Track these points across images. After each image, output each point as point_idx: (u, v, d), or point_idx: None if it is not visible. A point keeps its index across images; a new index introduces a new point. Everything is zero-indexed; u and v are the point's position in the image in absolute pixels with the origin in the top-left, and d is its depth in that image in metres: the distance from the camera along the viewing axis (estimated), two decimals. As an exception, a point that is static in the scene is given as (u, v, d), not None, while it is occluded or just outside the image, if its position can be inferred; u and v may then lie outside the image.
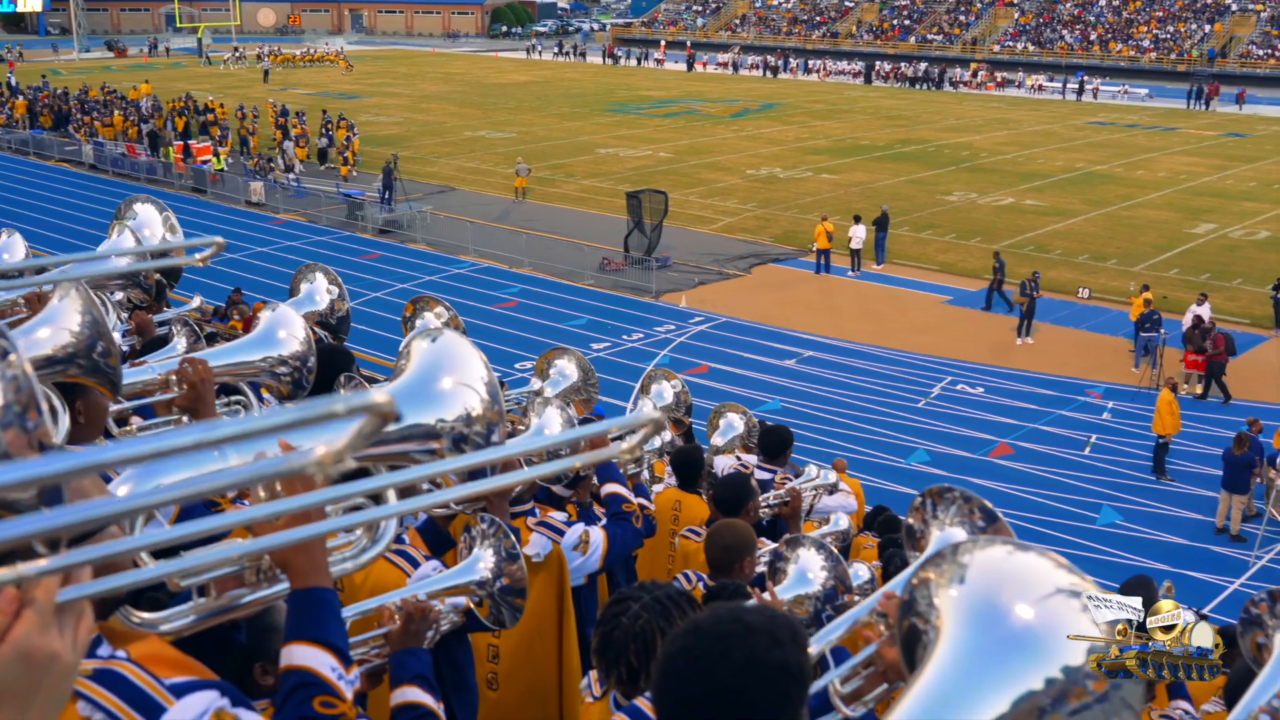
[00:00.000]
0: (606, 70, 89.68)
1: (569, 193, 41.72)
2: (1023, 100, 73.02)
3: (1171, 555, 17.25)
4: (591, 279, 31.00)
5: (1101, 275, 31.07)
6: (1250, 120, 63.51)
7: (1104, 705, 1.63)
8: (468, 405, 2.69)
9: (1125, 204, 40.25)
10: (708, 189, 42.21)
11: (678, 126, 57.86)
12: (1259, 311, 27.44)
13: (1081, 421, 22.05)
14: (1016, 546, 1.76)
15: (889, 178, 44.39)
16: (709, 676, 1.99)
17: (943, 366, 24.73)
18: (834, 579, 3.75)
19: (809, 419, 21.58)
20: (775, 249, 34.08)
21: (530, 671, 4.62)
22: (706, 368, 24.31)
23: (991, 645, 1.67)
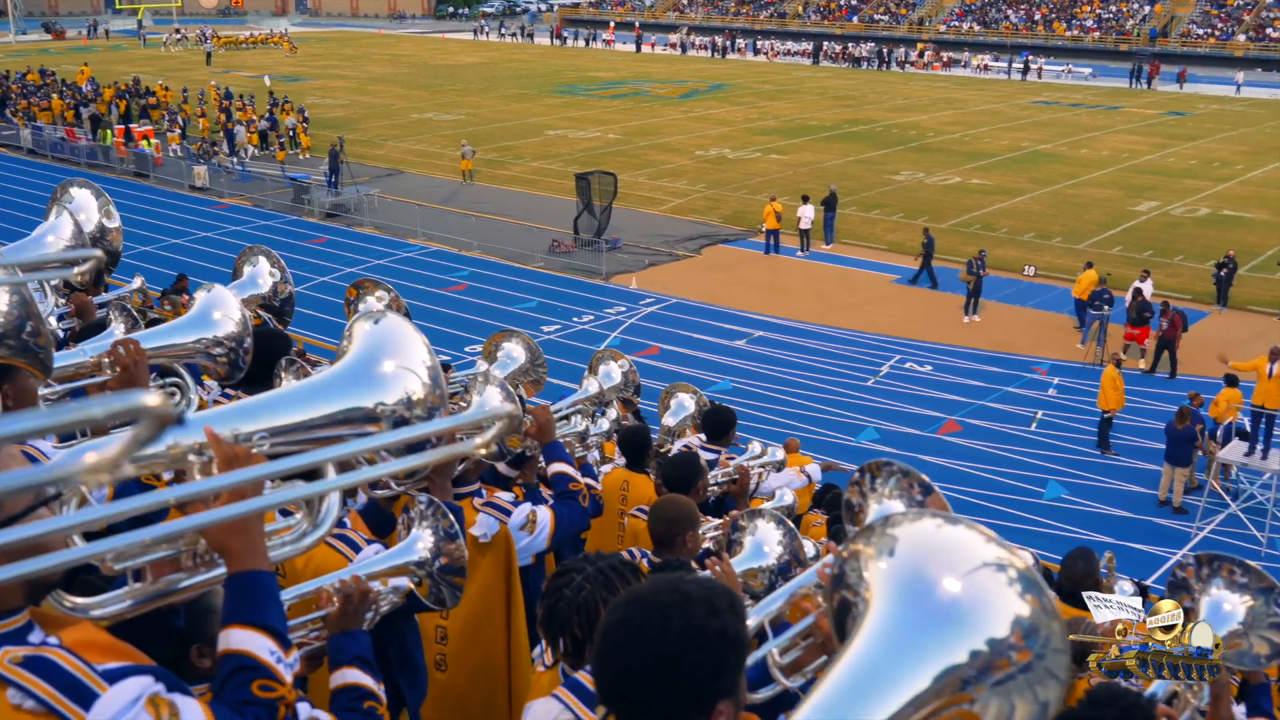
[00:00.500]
0: (554, 51, 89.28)
1: (518, 175, 41.53)
2: (968, 80, 73.56)
3: (1116, 528, 17.50)
4: (541, 261, 30.90)
5: (1047, 253, 31.41)
6: (1191, 99, 64.38)
7: (1028, 675, 1.65)
8: (408, 389, 2.67)
9: (1070, 183, 40.69)
10: (657, 170, 42.17)
11: (626, 108, 57.74)
12: (1200, 288, 27.86)
13: (1028, 398, 22.30)
14: (946, 520, 1.76)
15: (837, 158, 44.57)
16: (648, 646, 1.99)
17: (891, 345, 24.91)
18: (789, 553, 3.77)
19: (759, 399, 21.66)
20: (725, 230, 34.13)
21: (479, 652, 4.60)
22: (657, 349, 24.32)
23: (918, 618, 1.68)
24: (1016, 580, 1.68)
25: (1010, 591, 1.67)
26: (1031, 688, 1.65)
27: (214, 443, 2.42)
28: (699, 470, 5.89)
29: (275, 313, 6.00)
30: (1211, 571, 3.56)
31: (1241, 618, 3.47)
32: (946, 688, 1.63)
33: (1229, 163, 44.70)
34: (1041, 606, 1.66)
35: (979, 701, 1.66)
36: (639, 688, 2.00)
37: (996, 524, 17.08)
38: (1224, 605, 3.50)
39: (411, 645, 3.96)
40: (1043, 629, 1.66)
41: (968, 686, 1.64)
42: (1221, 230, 33.82)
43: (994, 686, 1.64)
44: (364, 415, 2.63)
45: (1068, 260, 30.07)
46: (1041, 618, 1.66)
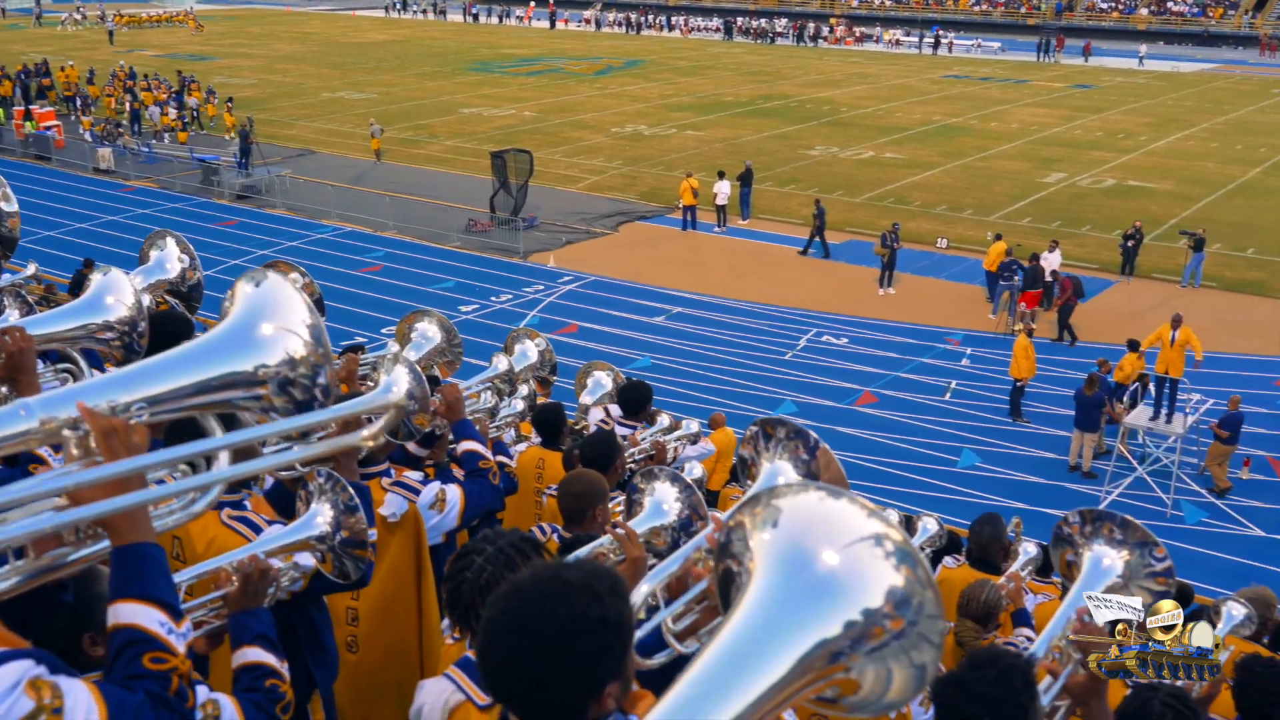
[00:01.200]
0: (467, 28, 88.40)
1: (433, 154, 41.12)
2: (881, 55, 74.23)
3: (1028, 494, 17.89)
4: (458, 241, 30.67)
5: (959, 225, 31.88)
6: (1096, 72, 65.63)
7: (902, 641, 1.71)
8: (290, 349, 2.63)
9: (980, 155, 41.31)
10: (573, 148, 42.02)
11: (541, 85, 57.40)
12: (1106, 257, 28.48)
13: (942, 368, 22.66)
14: (829, 493, 1.80)
15: (752, 133, 44.76)
16: (530, 636, 2.00)
17: (808, 319, 25.15)
18: (689, 508, 3.81)
19: (679, 375, 21.76)
20: (642, 206, 34.15)
21: (390, 632, 4.58)
22: (576, 327, 24.30)
23: (797, 590, 1.73)
24: (892, 552, 1.73)
25: (885, 564, 1.73)
26: (906, 653, 1.71)
27: (88, 417, 2.35)
28: (617, 448, 5.91)
29: (183, 298, 5.92)
30: (1094, 528, 3.67)
31: (1120, 571, 3.59)
32: (823, 657, 1.68)
33: (1133, 134, 45.69)
34: (915, 576, 1.72)
35: (855, 669, 1.72)
36: (524, 679, 2.01)
37: (912, 493, 17.38)
38: (1104, 560, 3.61)
39: (320, 626, 3.94)
40: (915, 597, 1.71)
41: (844, 655, 1.70)
42: (1126, 200, 34.59)
43: (869, 654, 1.70)
44: (246, 379, 2.59)
45: (979, 232, 30.56)
46: (914, 587, 1.71)
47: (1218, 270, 27.75)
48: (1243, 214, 33.14)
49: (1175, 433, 18.51)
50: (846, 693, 1.76)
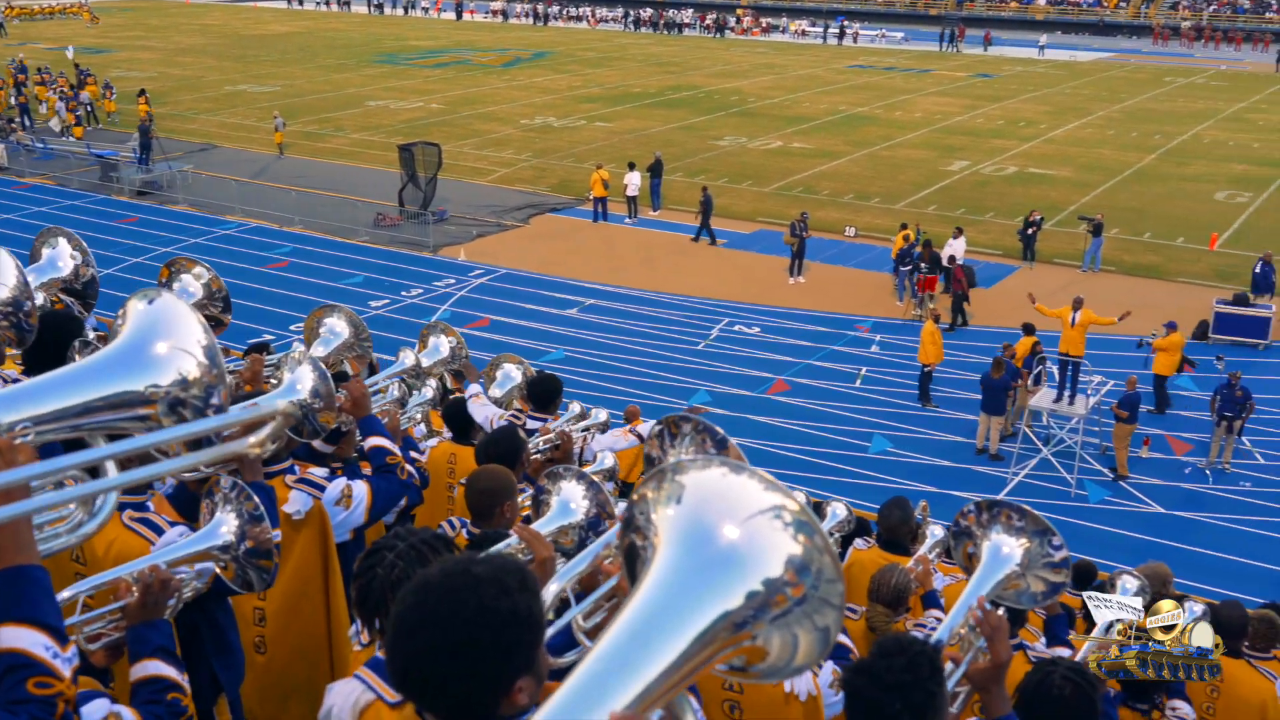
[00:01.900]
0: (372, 19, 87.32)
1: (339, 147, 40.56)
2: (787, 45, 74.84)
3: (937, 477, 18.20)
4: (366, 235, 30.31)
5: (866, 214, 32.28)
6: (997, 61, 66.87)
7: (804, 607, 1.76)
8: (183, 369, 2.57)
9: (886, 144, 41.87)
10: (482, 140, 41.75)
11: (448, 77, 56.92)
12: (1009, 243, 29.04)
13: (852, 355, 22.96)
14: (731, 468, 1.84)
15: (661, 124, 44.86)
16: (439, 631, 1.98)
17: (720, 308, 25.30)
18: (596, 506, 3.80)
19: (593, 366, 21.76)
20: (553, 198, 34.05)
21: (298, 632, 4.51)
22: (488, 321, 24.17)
23: (700, 563, 1.76)
24: (790, 523, 1.77)
25: (784, 534, 1.77)
26: (809, 617, 1.76)
27: None
28: (520, 442, 5.88)
29: (78, 296, 5.77)
30: (991, 517, 3.75)
31: (1019, 559, 3.66)
32: (728, 627, 1.72)
33: (1033, 122, 46.64)
34: (813, 544, 1.76)
35: (761, 636, 1.76)
36: (433, 674, 1.99)
37: (824, 478, 17.59)
38: (1003, 548, 3.69)
39: (225, 628, 3.86)
40: (814, 564, 1.76)
41: (749, 624, 1.74)
42: (1028, 187, 35.31)
43: (773, 621, 1.75)
44: (137, 398, 2.52)
45: (886, 220, 30.97)
46: (813, 554, 1.75)
47: (1116, 254, 28.47)
48: (1139, 199, 34.03)
49: (1078, 414, 18.95)
50: (755, 660, 1.80)
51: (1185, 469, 18.66)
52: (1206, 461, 18.64)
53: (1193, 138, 43.67)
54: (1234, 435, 18.45)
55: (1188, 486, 18.12)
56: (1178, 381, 21.52)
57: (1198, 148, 41.87)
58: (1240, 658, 6.82)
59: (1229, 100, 52.61)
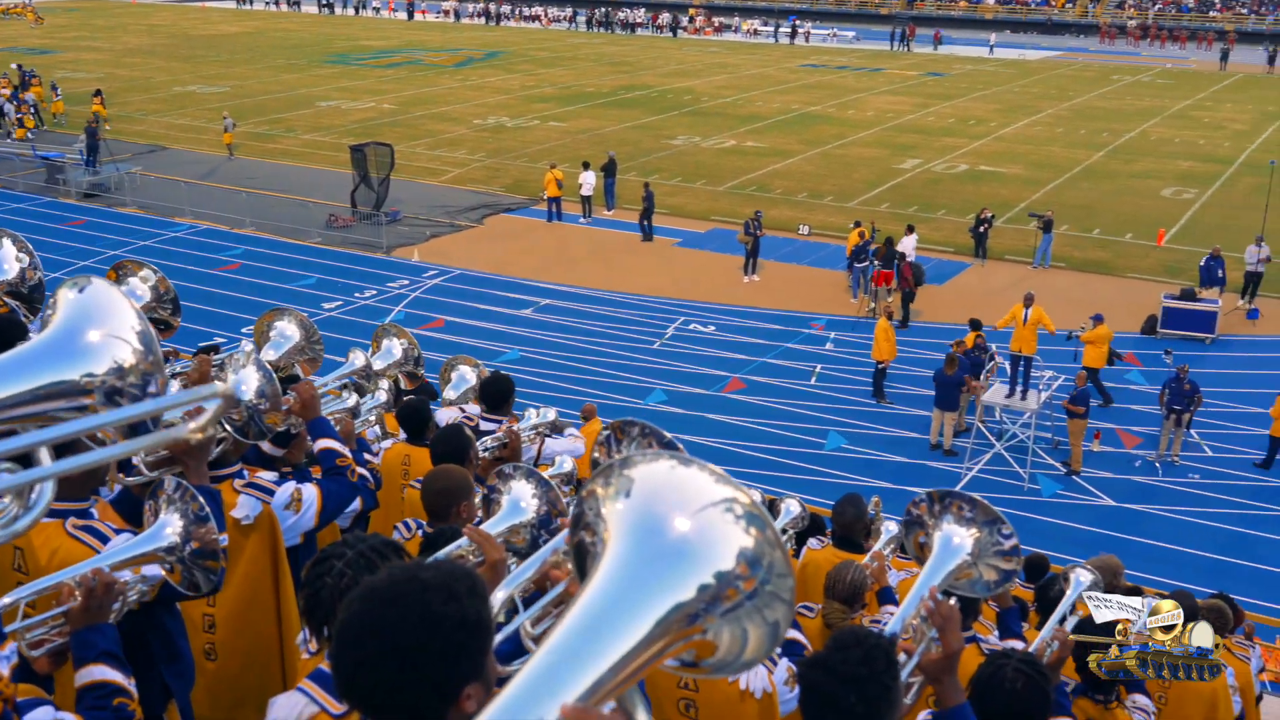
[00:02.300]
0: (322, 19, 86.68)
1: (290, 148, 40.22)
2: (739, 45, 75.07)
3: (892, 473, 18.32)
4: (319, 237, 30.07)
5: (819, 212, 32.43)
6: (947, 60, 67.41)
7: (755, 601, 1.74)
8: (118, 357, 2.51)
9: (838, 143, 42.09)
10: (435, 140, 41.55)
11: (401, 77, 56.60)
12: (961, 240, 29.28)
13: (807, 353, 23.05)
14: (680, 461, 1.82)
15: (615, 124, 44.85)
16: (385, 639, 1.95)
17: (675, 307, 25.32)
18: (547, 505, 3.78)
19: (548, 367, 21.71)
20: (507, 199, 33.95)
21: (249, 638, 4.45)
22: (442, 321, 24.05)
23: (650, 557, 1.75)
24: (741, 515, 1.76)
25: (735, 526, 1.75)
26: (760, 611, 1.75)
27: None
28: (467, 441, 5.84)
29: (24, 300, 5.70)
30: (943, 508, 3.76)
31: (970, 549, 3.68)
32: (679, 621, 1.71)
33: (984, 120, 47.06)
34: (764, 537, 1.75)
35: (711, 630, 1.74)
36: (379, 682, 1.96)
37: (780, 476, 17.65)
38: (954, 539, 3.71)
39: (174, 635, 3.80)
40: (765, 557, 1.74)
41: (699, 618, 1.72)
42: (978, 185, 35.63)
43: (723, 615, 1.73)
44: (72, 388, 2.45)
45: (839, 218, 31.13)
46: (764, 547, 1.74)
47: (1066, 251, 28.78)
48: (1087, 196, 34.42)
49: (1030, 409, 19.14)
50: (705, 654, 1.79)
51: (1135, 462, 18.89)
52: (1156, 454, 18.88)
53: (1140, 135, 44.24)
54: (1183, 428, 18.70)
55: (1138, 479, 18.35)
56: (1126, 376, 21.81)
57: (1145, 145, 42.43)
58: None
59: (1174, 98, 53.35)
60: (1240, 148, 41.63)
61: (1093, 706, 5.18)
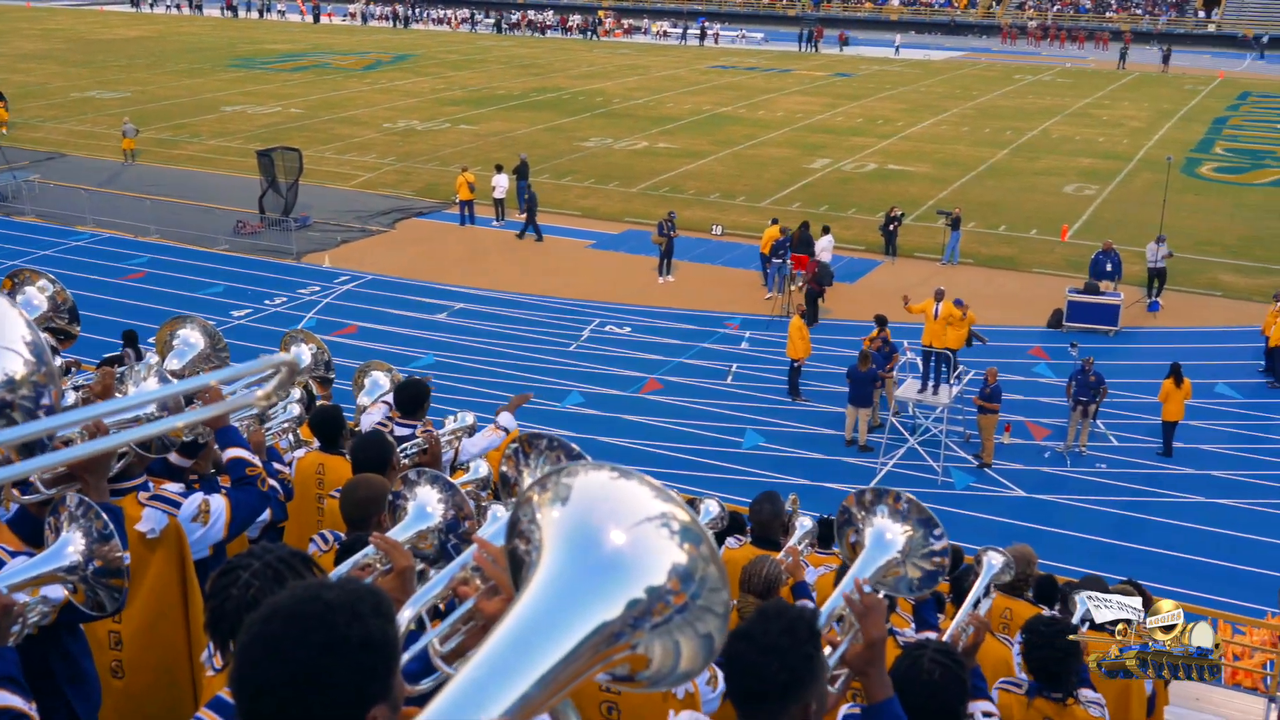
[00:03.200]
0: (225, 23, 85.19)
1: (195, 154, 39.45)
2: (649, 47, 75.29)
3: (809, 470, 18.48)
4: (226, 244, 29.52)
5: (732, 212, 32.63)
6: (854, 61, 68.27)
7: (685, 615, 1.74)
8: (8, 369, 2.42)
9: (750, 143, 42.40)
10: (344, 144, 41.04)
11: (308, 81, 55.84)
12: (872, 239, 29.64)
13: (723, 352, 23.16)
14: (620, 473, 1.82)
15: (527, 126, 44.71)
16: (288, 662, 1.88)
17: (591, 309, 25.29)
18: (453, 508, 3.72)
19: (464, 371, 21.55)
20: (418, 202, 33.65)
21: (158, 654, 4.33)
22: (355, 328, 23.76)
23: (584, 569, 1.74)
24: (678, 531, 1.76)
25: (670, 542, 1.75)
26: (691, 625, 1.74)
27: None
28: (389, 448, 5.77)
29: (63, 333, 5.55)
30: (876, 499, 3.78)
31: (901, 546, 3.70)
32: (609, 634, 1.70)
33: (891, 120, 47.73)
34: (699, 553, 1.75)
35: (642, 644, 1.74)
36: (281, 706, 1.89)
37: (698, 475, 17.71)
38: (886, 534, 3.72)
39: (78, 655, 3.68)
40: (698, 572, 1.74)
41: (630, 633, 1.72)
42: (887, 184, 36.12)
43: (653, 629, 1.73)
44: None
45: (752, 218, 31.35)
46: (698, 563, 1.74)
47: (973, 247, 29.30)
48: (993, 193, 35.09)
49: (942, 403, 19.44)
50: (638, 668, 1.78)
51: (1044, 453, 19.28)
52: (1064, 445, 19.29)
53: (1042, 133, 45.20)
54: (1089, 419, 19.13)
55: (1047, 470, 18.73)
56: (1034, 370, 22.25)
57: (1047, 143, 43.36)
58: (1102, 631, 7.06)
59: (1074, 97, 54.60)
60: (1138, 145, 42.75)
61: (1049, 705, 5.26)
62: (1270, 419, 20.40)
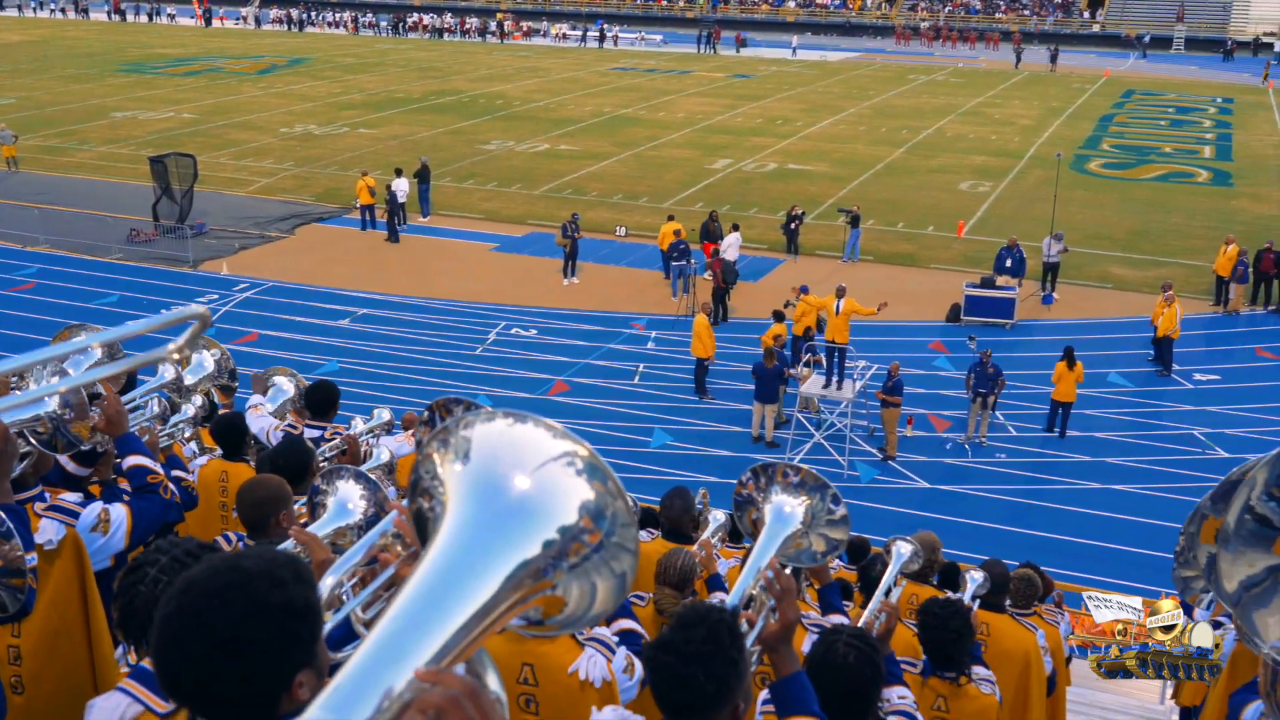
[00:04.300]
0: (113, 27, 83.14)
1: (85, 161, 38.41)
2: (549, 49, 75.17)
3: (717, 467, 18.59)
4: (120, 252, 28.80)
5: (635, 213, 32.73)
6: (753, 62, 68.92)
7: (602, 553, 1.75)
8: None
9: (651, 144, 42.56)
10: (240, 150, 40.30)
11: (200, 85, 54.71)
12: (774, 237, 29.94)
13: (629, 353, 23.22)
14: (516, 419, 1.81)
15: (427, 129, 44.36)
16: (208, 631, 1.87)
17: (496, 312, 25.17)
18: (375, 505, 3.69)
19: (368, 377, 21.31)
20: (318, 208, 33.18)
21: (59, 667, 4.20)
22: (256, 335, 23.34)
23: (492, 516, 1.73)
24: (583, 469, 1.77)
25: (577, 479, 1.76)
26: (607, 564, 1.76)
27: None
28: (309, 452, 5.69)
29: None
30: (768, 479, 3.82)
31: (801, 518, 3.74)
32: (526, 579, 1.70)
33: (790, 120, 48.28)
34: (606, 489, 1.76)
35: (560, 585, 1.74)
36: (204, 677, 1.88)
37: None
38: (785, 508, 3.76)
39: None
40: (609, 509, 1.75)
41: (547, 574, 1.72)
42: (788, 183, 36.53)
43: (571, 569, 1.73)
44: None
45: (655, 219, 31.44)
46: (606, 499, 1.75)
47: (873, 244, 29.78)
48: (890, 191, 35.68)
49: (846, 398, 19.71)
50: (553, 611, 1.78)
51: (946, 445, 19.67)
52: (965, 436, 19.70)
53: (936, 132, 46.09)
54: (989, 410, 19.56)
55: (949, 461, 19.11)
56: (934, 363, 22.69)
57: (941, 141, 44.23)
58: (1003, 613, 7.24)
59: (967, 96, 55.78)
60: (1029, 142, 43.82)
61: (943, 684, 5.37)
62: (1160, 406, 21.06)
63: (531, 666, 3.90)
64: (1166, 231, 31.50)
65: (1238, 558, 2.15)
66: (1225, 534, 2.17)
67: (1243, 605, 2.16)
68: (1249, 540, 2.14)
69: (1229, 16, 77.98)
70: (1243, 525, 2.14)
